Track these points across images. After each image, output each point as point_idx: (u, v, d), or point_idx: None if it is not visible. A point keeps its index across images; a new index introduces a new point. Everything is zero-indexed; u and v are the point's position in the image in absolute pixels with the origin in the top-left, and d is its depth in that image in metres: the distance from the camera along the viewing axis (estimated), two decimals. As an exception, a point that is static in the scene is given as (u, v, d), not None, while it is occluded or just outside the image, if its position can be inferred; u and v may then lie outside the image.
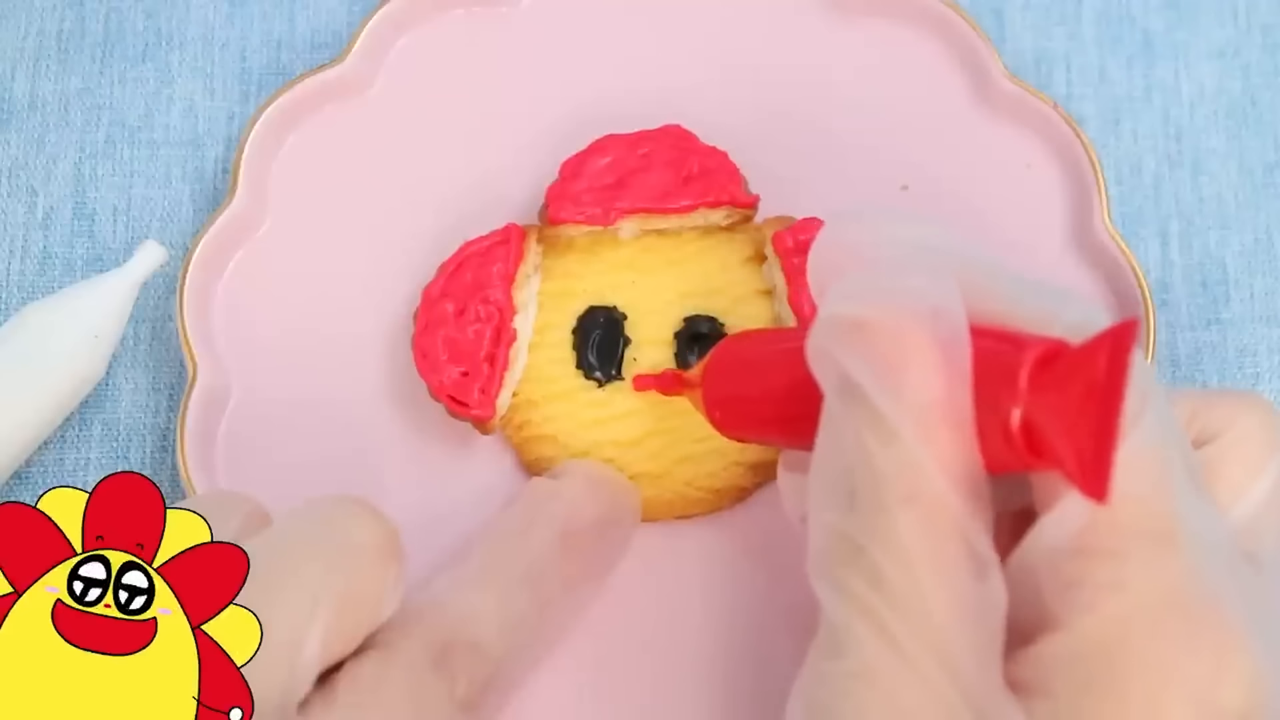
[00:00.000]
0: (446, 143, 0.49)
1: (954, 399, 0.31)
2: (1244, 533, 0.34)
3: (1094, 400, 0.29)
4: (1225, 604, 0.30)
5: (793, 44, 0.50)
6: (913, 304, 0.32)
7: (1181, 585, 0.30)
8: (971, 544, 0.31)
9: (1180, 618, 0.30)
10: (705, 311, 0.45)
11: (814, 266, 0.37)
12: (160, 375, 0.48)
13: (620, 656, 0.44)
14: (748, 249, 0.46)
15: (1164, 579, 0.30)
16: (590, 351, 0.45)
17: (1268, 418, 0.35)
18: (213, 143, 0.50)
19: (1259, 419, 0.35)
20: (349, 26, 0.51)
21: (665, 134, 0.46)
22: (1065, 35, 0.52)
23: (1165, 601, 0.30)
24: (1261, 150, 0.51)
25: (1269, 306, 0.50)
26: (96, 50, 0.51)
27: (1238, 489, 0.34)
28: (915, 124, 0.49)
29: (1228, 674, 0.30)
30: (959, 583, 0.31)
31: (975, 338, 0.32)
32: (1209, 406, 0.35)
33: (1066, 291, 0.33)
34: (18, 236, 0.49)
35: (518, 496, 0.43)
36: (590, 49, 0.50)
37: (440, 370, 0.44)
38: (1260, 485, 0.34)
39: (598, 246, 0.46)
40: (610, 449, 0.44)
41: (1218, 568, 0.31)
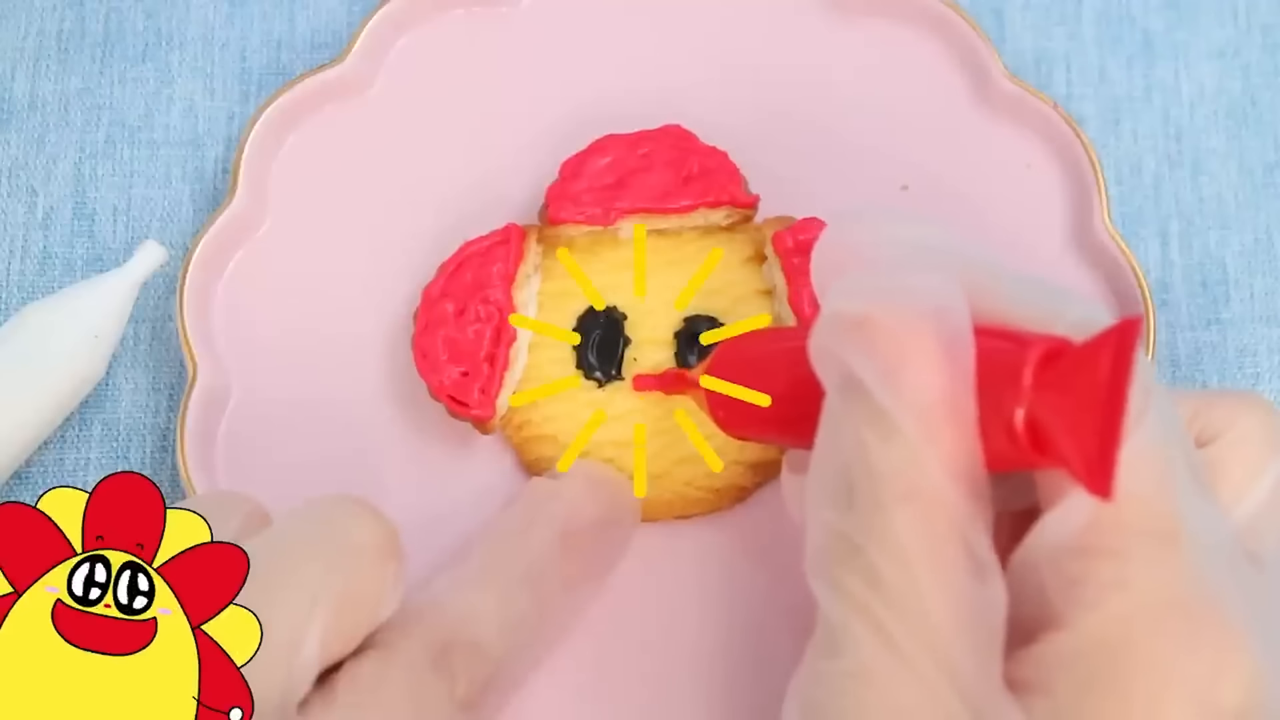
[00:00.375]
0: (446, 143, 0.49)
1: (956, 397, 0.31)
2: (1246, 532, 0.34)
3: (1098, 397, 0.29)
4: (1226, 604, 0.30)
5: (793, 44, 0.50)
6: (916, 302, 0.32)
7: (1183, 585, 0.30)
8: (970, 544, 0.31)
9: (1181, 617, 0.30)
10: (705, 311, 0.45)
11: (817, 266, 0.37)
12: (160, 375, 0.48)
13: (620, 656, 0.44)
14: (748, 249, 0.46)
15: (1166, 578, 0.30)
16: (590, 351, 0.45)
17: (1268, 418, 0.35)
18: (213, 143, 0.50)
19: (1259, 419, 0.35)
20: (349, 26, 0.51)
21: (665, 134, 0.46)
22: (1065, 35, 0.52)
23: (1167, 601, 0.30)
24: (1261, 150, 0.51)
25: (1269, 306, 0.50)
26: (96, 50, 0.51)
27: (1239, 489, 0.34)
28: (915, 124, 0.49)
29: (1227, 673, 0.30)
30: (957, 582, 0.31)
31: (978, 336, 0.32)
32: (1209, 407, 0.35)
33: (1068, 290, 0.33)
34: (18, 236, 0.49)
35: (517, 497, 0.43)
36: (590, 49, 0.50)
37: (440, 370, 0.44)
38: (1261, 485, 0.34)
39: (598, 246, 0.46)
40: (610, 449, 0.44)
41: (1219, 568, 0.31)
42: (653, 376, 0.44)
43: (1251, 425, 0.34)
